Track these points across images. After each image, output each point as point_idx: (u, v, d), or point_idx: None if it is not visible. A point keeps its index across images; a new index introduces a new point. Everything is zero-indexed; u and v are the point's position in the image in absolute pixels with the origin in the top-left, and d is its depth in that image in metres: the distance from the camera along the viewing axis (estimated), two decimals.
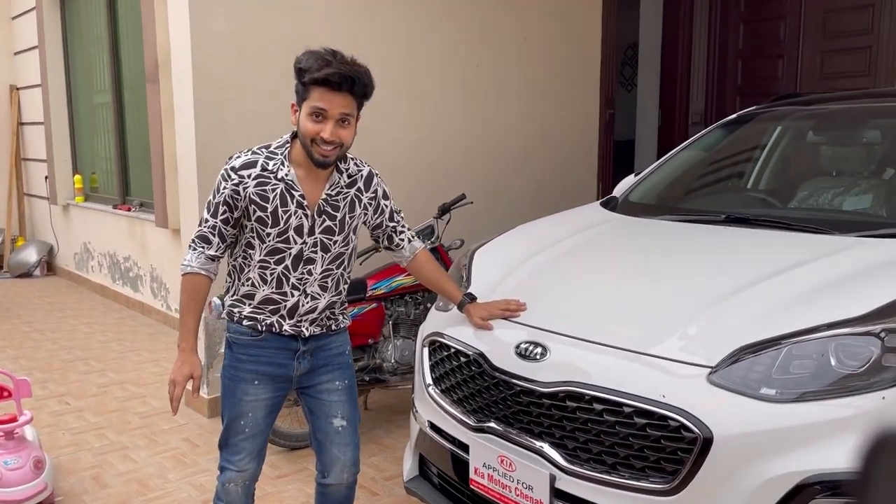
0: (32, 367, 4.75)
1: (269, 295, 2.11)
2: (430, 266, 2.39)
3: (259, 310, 2.12)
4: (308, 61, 1.96)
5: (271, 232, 2.05)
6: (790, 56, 5.99)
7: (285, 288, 2.11)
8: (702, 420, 1.70)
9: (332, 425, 2.25)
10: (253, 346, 2.14)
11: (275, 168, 2.05)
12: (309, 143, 2.00)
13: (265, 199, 2.04)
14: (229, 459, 2.21)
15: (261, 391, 2.16)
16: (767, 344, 1.76)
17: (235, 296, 2.17)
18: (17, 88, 7.91)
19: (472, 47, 4.85)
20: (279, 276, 2.09)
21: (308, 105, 1.98)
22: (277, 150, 2.08)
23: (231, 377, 2.17)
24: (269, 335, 2.13)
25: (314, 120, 1.97)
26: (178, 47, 3.80)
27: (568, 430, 1.93)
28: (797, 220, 2.45)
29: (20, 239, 7.99)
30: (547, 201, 5.32)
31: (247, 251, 2.10)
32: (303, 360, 2.18)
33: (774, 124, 3.40)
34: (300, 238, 2.08)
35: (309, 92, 1.97)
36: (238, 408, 2.17)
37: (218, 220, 2.07)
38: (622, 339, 1.94)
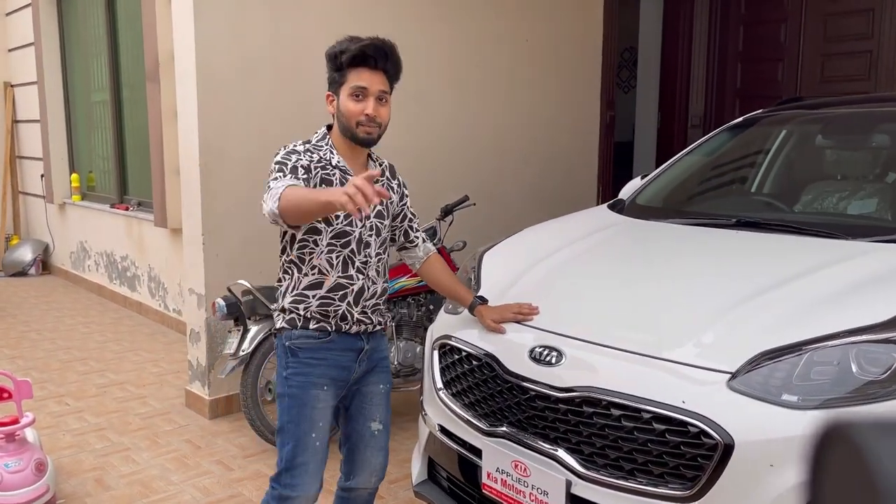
0: (30, 368, 4.70)
1: (337, 280, 2.08)
2: (441, 269, 2.38)
3: (328, 300, 2.08)
4: (342, 44, 2.03)
5: (339, 214, 2.03)
6: (791, 59, 6.00)
7: (351, 271, 2.09)
8: (722, 426, 1.69)
9: (370, 429, 2.23)
10: (321, 349, 2.10)
11: (326, 156, 2.07)
12: (353, 126, 2.04)
13: (329, 181, 2.05)
14: (293, 484, 2.08)
15: (329, 397, 2.12)
16: (788, 350, 1.75)
17: (296, 291, 2.10)
18: (11, 85, 7.84)
19: (473, 49, 4.83)
20: (345, 260, 2.08)
21: (348, 87, 2.03)
22: (321, 143, 2.10)
23: (301, 385, 2.08)
24: (337, 336, 2.11)
25: (356, 100, 2.03)
26: (181, 48, 3.77)
27: (584, 435, 1.91)
28: (809, 225, 2.44)
29: (14, 237, 7.93)
30: (547, 203, 5.31)
31: (311, 237, 2.07)
32: (362, 363, 2.18)
33: (780, 128, 3.40)
34: (360, 221, 2.10)
35: (346, 75, 2.04)
36: (310, 419, 2.08)
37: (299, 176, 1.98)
38: (639, 343, 1.93)
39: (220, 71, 3.74)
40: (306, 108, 3.98)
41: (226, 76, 3.76)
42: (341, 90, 2.06)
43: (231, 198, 3.82)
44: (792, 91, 5.93)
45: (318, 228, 2.06)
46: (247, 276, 3.70)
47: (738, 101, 6.38)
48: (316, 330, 2.09)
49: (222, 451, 3.54)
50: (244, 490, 3.16)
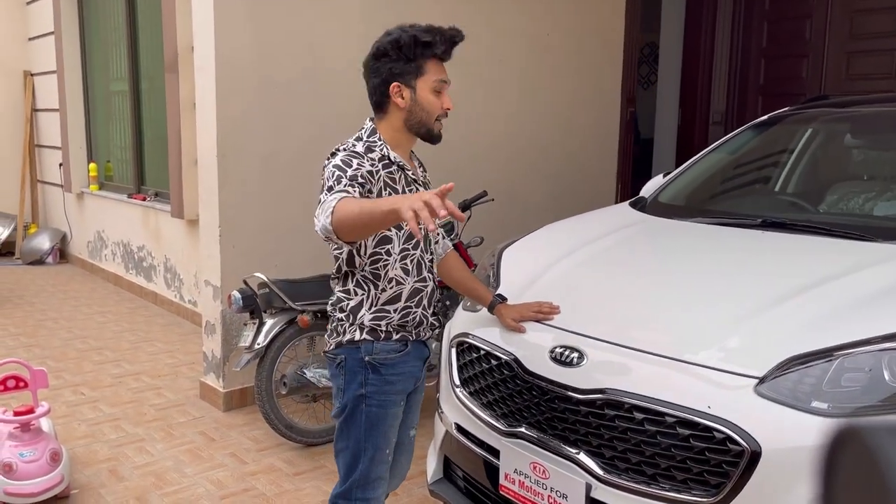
0: (46, 356, 4.72)
1: (414, 286, 2.00)
2: (459, 266, 2.30)
3: (408, 309, 2.00)
4: (426, 35, 1.92)
5: None
6: (815, 56, 5.90)
7: (423, 273, 2.03)
8: (749, 433, 1.65)
9: (408, 436, 2.20)
10: (401, 363, 2.01)
11: (383, 153, 1.96)
12: (432, 121, 1.97)
13: (394, 180, 1.95)
14: (368, 498, 2.03)
15: (402, 410, 2.07)
16: (818, 355, 1.71)
17: (375, 307, 1.97)
18: (31, 74, 7.88)
19: (494, 44, 4.78)
20: (418, 262, 2.01)
21: (430, 79, 1.95)
22: (373, 139, 1.98)
23: (381, 404, 1.98)
24: (412, 346, 2.03)
25: (436, 93, 1.96)
26: (200, 39, 3.75)
27: (605, 438, 1.87)
28: (838, 226, 2.38)
29: (33, 226, 7.97)
30: (565, 199, 5.26)
31: (382, 248, 1.94)
32: (424, 371, 2.13)
33: (806, 126, 3.33)
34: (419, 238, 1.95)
35: (424, 66, 1.94)
36: (387, 435, 2.01)
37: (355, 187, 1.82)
38: (663, 345, 1.89)
39: (238, 62, 3.71)
40: (325, 100, 3.95)
41: (244, 68, 3.73)
42: (418, 82, 1.94)
43: (248, 189, 3.80)
44: (816, 89, 5.84)
45: (388, 237, 1.94)
46: (263, 268, 3.68)
47: (761, 99, 6.29)
48: (398, 341, 2.00)
49: (236, 443, 3.53)
50: (258, 484, 3.15)
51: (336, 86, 3.96)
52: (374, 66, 1.97)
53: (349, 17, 4.04)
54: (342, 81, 3.94)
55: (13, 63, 7.86)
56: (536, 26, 4.99)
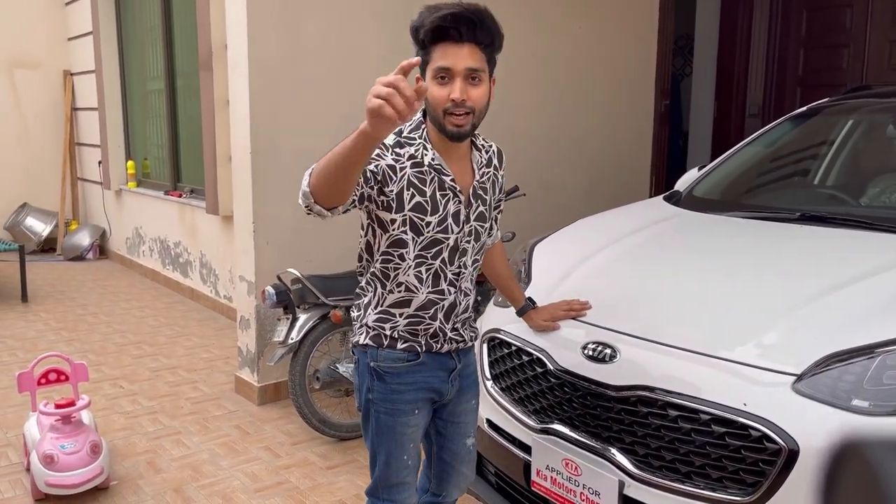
0: (87, 350, 4.82)
1: (426, 297, 1.83)
2: (503, 261, 2.20)
3: (417, 318, 1.85)
4: (421, 17, 1.71)
5: (431, 220, 1.77)
6: (857, 45, 5.75)
7: (442, 285, 1.84)
8: (787, 431, 1.61)
9: (466, 445, 2.06)
10: (410, 373, 1.87)
11: (418, 154, 1.77)
12: (441, 115, 1.72)
13: (423, 182, 1.76)
14: (394, 500, 1.95)
15: (421, 418, 1.92)
16: (859, 352, 1.66)
17: (381, 308, 1.85)
18: (70, 74, 8.03)
19: (526, 36, 4.75)
20: (436, 272, 1.82)
21: (431, 69, 1.70)
22: (413, 135, 1.79)
23: (388, 412, 1.87)
24: (428, 357, 1.88)
25: (440, 83, 1.70)
26: (234, 37, 3.79)
27: (639, 435, 1.85)
28: (880, 220, 2.32)
29: (73, 223, 8.14)
30: (599, 193, 5.22)
31: (395, 251, 1.79)
32: (455, 382, 1.96)
33: (846, 118, 3.25)
34: (457, 226, 1.81)
35: (430, 53, 1.70)
36: (400, 444, 1.90)
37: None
38: (698, 342, 1.86)
39: (271, 60, 3.74)
40: (358, 96, 3.95)
41: (277, 65, 3.76)
42: (427, 72, 1.72)
43: (282, 185, 3.83)
44: (857, 79, 5.70)
45: (403, 240, 1.78)
46: (297, 264, 3.71)
47: (800, 90, 6.16)
48: (404, 350, 1.86)
49: (270, 437, 3.57)
50: (291, 477, 3.18)
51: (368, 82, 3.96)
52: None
53: (382, 14, 4.04)
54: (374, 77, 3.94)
55: (53, 63, 8.03)
56: (568, 18, 4.94)
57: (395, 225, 1.78)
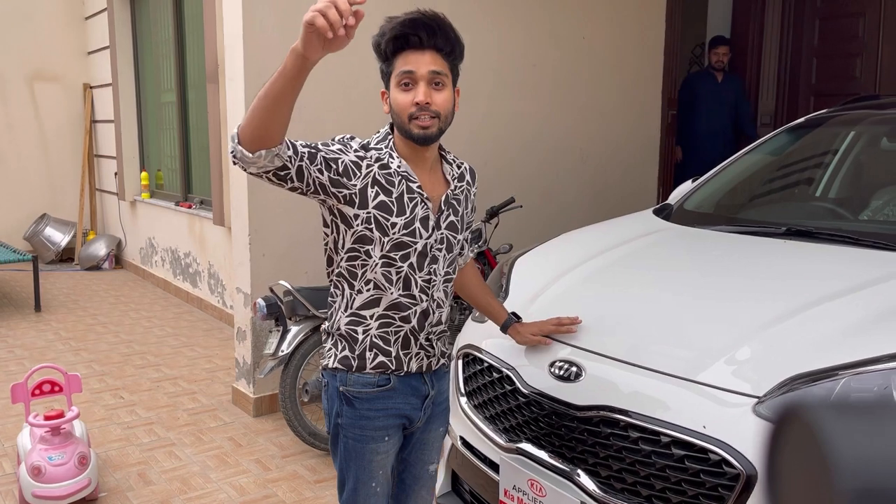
0: (92, 360, 4.87)
1: (397, 299, 1.79)
2: (476, 280, 2.14)
3: (388, 318, 1.80)
4: (380, 30, 1.74)
5: (397, 222, 1.75)
6: (869, 54, 5.65)
7: (413, 290, 1.80)
8: (745, 455, 1.57)
9: (428, 471, 2.02)
10: (381, 398, 1.82)
11: (384, 158, 1.77)
12: (406, 121, 1.72)
13: (391, 183, 1.75)
14: None
15: (391, 444, 1.88)
16: (823, 374, 1.61)
17: (351, 310, 1.81)
18: (90, 87, 8.18)
19: (529, 46, 4.73)
20: (406, 276, 1.78)
21: (394, 76, 1.73)
22: (380, 146, 1.79)
23: (357, 438, 1.82)
24: (398, 381, 1.83)
25: (404, 89, 1.71)
26: (231, 49, 3.82)
27: (602, 456, 1.81)
28: (866, 235, 2.26)
29: (91, 233, 8.26)
30: (604, 205, 5.17)
31: (361, 247, 1.76)
32: (427, 409, 1.91)
33: (846, 129, 3.18)
34: (426, 231, 1.79)
35: (393, 63, 1.73)
36: (369, 469, 1.86)
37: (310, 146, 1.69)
38: (663, 361, 1.82)
39: (268, 73, 3.75)
40: (355, 110, 3.97)
41: None
42: (391, 81, 1.74)
43: (278, 198, 3.84)
44: (871, 88, 5.59)
45: (368, 236, 1.75)
46: (292, 276, 3.72)
47: (813, 99, 6.06)
48: (374, 372, 1.80)
49: (262, 449, 3.57)
50: (278, 491, 3.17)
51: (368, 95, 3.98)
52: None
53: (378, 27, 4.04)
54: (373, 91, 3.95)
55: (73, 76, 8.18)
56: (572, 30, 4.91)
57: (358, 220, 1.75)
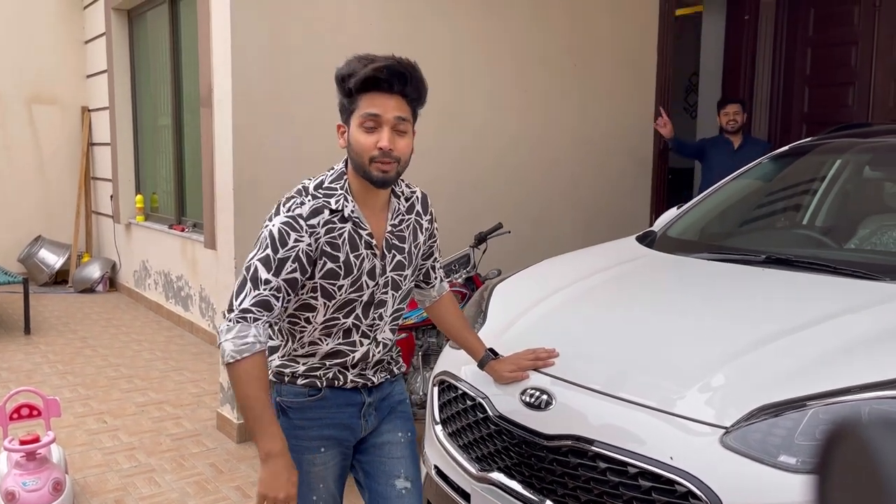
0: (78, 384, 4.84)
1: (335, 348, 1.79)
2: (454, 312, 2.10)
3: (319, 364, 1.81)
4: (350, 66, 1.71)
5: (343, 284, 1.74)
6: (862, 83, 5.67)
7: (354, 337, 1.80)
8: (711, 487, 1.54)
9: (395, 488, 1.88)
10: (313, 408, 1.81)
11: (338, 206, 1.73)
12: (366, 163, 1.69)
13: (336, 247, 1.72)
14: None
15: (329, 457, 1.84)
16: (791, 404, 1.59)
17: (287, 357, 1.83)
18: (88, 110, 8.23)
19: (520, 71, 4.75)
20: (349, 327, 1.79)
21: (358, 115, 1.70)
22: (335, 185, 1.76)
23: (293, 448, 1.77)
24: (330, 391, 1.82)
25: (367, 130, 1.69)
26: (219, 75, 3.84)
27: (570, 487, 1.78)
28: (843, 264, 2.24)
29: (86, 255, 8.26)
30: (595, 231, 5.16)
31: (302, 314, 1.77)
32: (369, 416, 1.88)
33: (832, 157, 3.17)
34: (372, 281, 1.77)
35: (357, 101, 1.70)
36: (307, 481, 1.81)
37: (281, 279, 1.66)
38: (632, 391, 1.79)
39: (255, 98, 3.78)
40: None
41: (261, 103, 3.79)
42: (352, 119, 1.71)
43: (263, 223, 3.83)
44: (863, 117, 5.60)
45: (311, 304, 1.74)
46: None
47: (806, 127, 6.07)
48: (304, 386, 1.81)
49: (243, 476, 3.53)
50: None
51: None
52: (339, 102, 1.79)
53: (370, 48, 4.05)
54: None
55: (72, 99, 8.23)
56: (564, 56, 4.94)
57: (304, 290, 1.74)
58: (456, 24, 4.45)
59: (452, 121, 4.47)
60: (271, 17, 3.79)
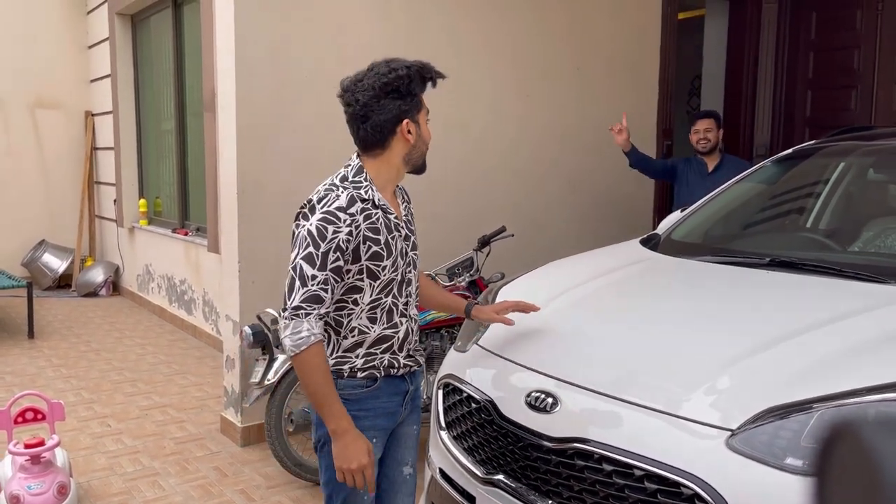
0: (81, 388, 4.84)
1: (381, 333, 1.92)
2: (429, 283, 2.24)
3: (372, 354, 1.92)
4: (426, 71, 1.91)
5: (387, 264, 1.88)
6: (864, 87, 5.67)
7: (395, 319, 1.94)
8: (717, 490, 1.54)
9: (402, 473, 2.06)
10: (369, 399, 1.92)
11: (368, 195, 1.88)
12: (425, 153, 1.97)
13: (377, 231, 1.87)
14: None
15: (378, 447, 1.96)
16: (797, 407, 1.59)
17: (336, 354, 1.92)
18: (92, 114, 8.25)
19: (522, 76, 4.76)
20: (389, 309, 1.93)
21: (424, 111, 1.94)
22: (359, 178, 1.90)
23: None
24: (384, 381, 1.94)
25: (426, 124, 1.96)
26: (223, 79, 3.85)
27: (576, 490, 1.78)
28: (848, 266, 2.24)
29: (89, 259, 8.27)
30: (598, 235, 5.15)
31: (350, 297, 1.88)
32: (408, 404, 2.02)
33: (835, 160, 3.17)
34: (403, 261, 1.94)
35: (422, 101, 1.94)
36: None
37: (328, 271, 1.80)
38: (637, 393, 1.79)
39: (259, 102, 3.79)
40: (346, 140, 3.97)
41: (265, 107, 3.80)
42: (419, 116, 1.92)
43: (268, 226, 3.84)
44: (866, 120, 5.60)
45: (360, 286, 1.87)
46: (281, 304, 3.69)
47: (808, 131, 6.06)
48: (364, 378, 1.92)
49: (248, 480, 3.53)
50: None
51: None
52: (381, 104, 1.87)
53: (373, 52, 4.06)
54: None
55: (75, 104, 8.25)
56: (566, 61, 4.95)
57: (350, 274, 1.86)
58: (457, 28, 4.46)
59: (454, 125, 4.48)
60: (274, 22, 3.81)
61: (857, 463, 0.68)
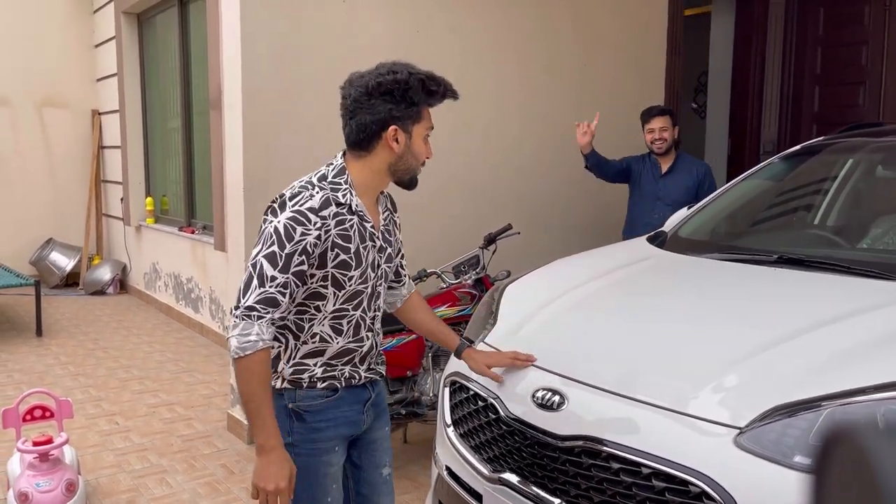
0: (89, 385, 4.86)
1: (345, 346, 1.86)
2: (424, 308, 2.16)
3: (331, 365, 1.86)
4: (432, 83, 1.81)
5: (354, 275, 1.81)
6: (873, 82, 5.64)
7: (362, 333, 1.88)
8: (725, 488, 1.53)
9: (381, 475, 2.04)
10: (330, 409, 1.86)
11: (345, 199, 1.79)
12: (417, 169, 1.87)
13: (348, 238, 1.78)
14: None
15: (340, 457, 1.91)
16: (805, 405, 1.58)
17: (295, 359, 1.84)
18: (98, 113, 8.27)
19: (528, 74, 4.75)
20: (357, 322, 1.86)
21: (423, 127, 1.83)
22: (339, 180, 1.81)
23: (310, 452, 1.84)
24: (346, 391, 1.88)
25: (424, 142, 1.85)
26: (229, 77, 3.86)
27: (583, 488, 1.78)
28: (856, 263, 2.23)
29: (97, 257, 8.30)
30: (605, 232, 5.14)
31: (312, 303, 1.80)
32: (370, 412, 1.96)
33: (843, 157, 3.16)
34: (374, 273, 1.87)
35: (422, 113, 1.83)
36: (324, 485, 1.87)
37: (290, 275, 1.70)
38: (645, 391, 1.79)
39: (265, 100, 3.79)
40: None
41: (271, 105, 3.81)
42: (415, 128, 1.81)
43: None
44: (874, 116, 5.57)
45: (321, 293, 1.79)
46: None
47: (816, 127, 6.04)
48: (324, 389, 1.86)
49: None
50: None
51: None
52: (371, 102, 1.78)
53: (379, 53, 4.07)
54: None
55: (82, 102, 8.27)
56: (572, 57, 4.94)
57: (314, 279, 1.79)
58: (463, 25, 4.46)
59: (461, 124, 4.47)
60: (280, 20, 3.81)
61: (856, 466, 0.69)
